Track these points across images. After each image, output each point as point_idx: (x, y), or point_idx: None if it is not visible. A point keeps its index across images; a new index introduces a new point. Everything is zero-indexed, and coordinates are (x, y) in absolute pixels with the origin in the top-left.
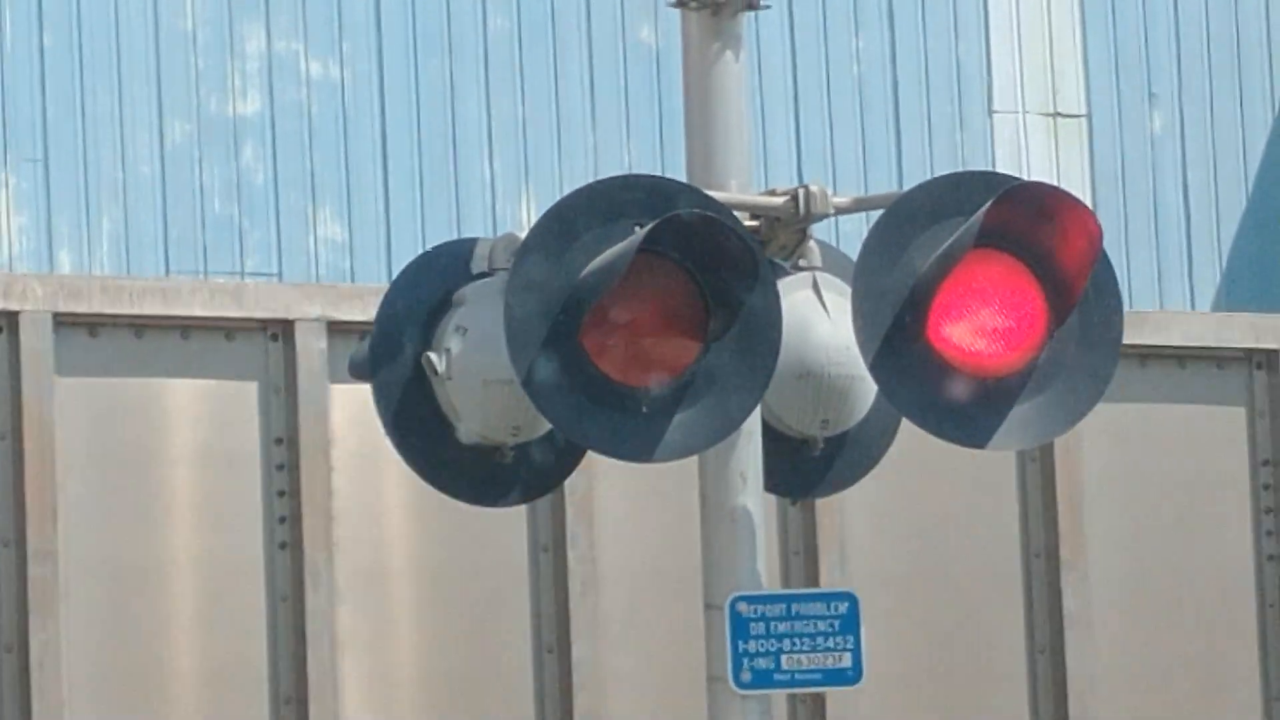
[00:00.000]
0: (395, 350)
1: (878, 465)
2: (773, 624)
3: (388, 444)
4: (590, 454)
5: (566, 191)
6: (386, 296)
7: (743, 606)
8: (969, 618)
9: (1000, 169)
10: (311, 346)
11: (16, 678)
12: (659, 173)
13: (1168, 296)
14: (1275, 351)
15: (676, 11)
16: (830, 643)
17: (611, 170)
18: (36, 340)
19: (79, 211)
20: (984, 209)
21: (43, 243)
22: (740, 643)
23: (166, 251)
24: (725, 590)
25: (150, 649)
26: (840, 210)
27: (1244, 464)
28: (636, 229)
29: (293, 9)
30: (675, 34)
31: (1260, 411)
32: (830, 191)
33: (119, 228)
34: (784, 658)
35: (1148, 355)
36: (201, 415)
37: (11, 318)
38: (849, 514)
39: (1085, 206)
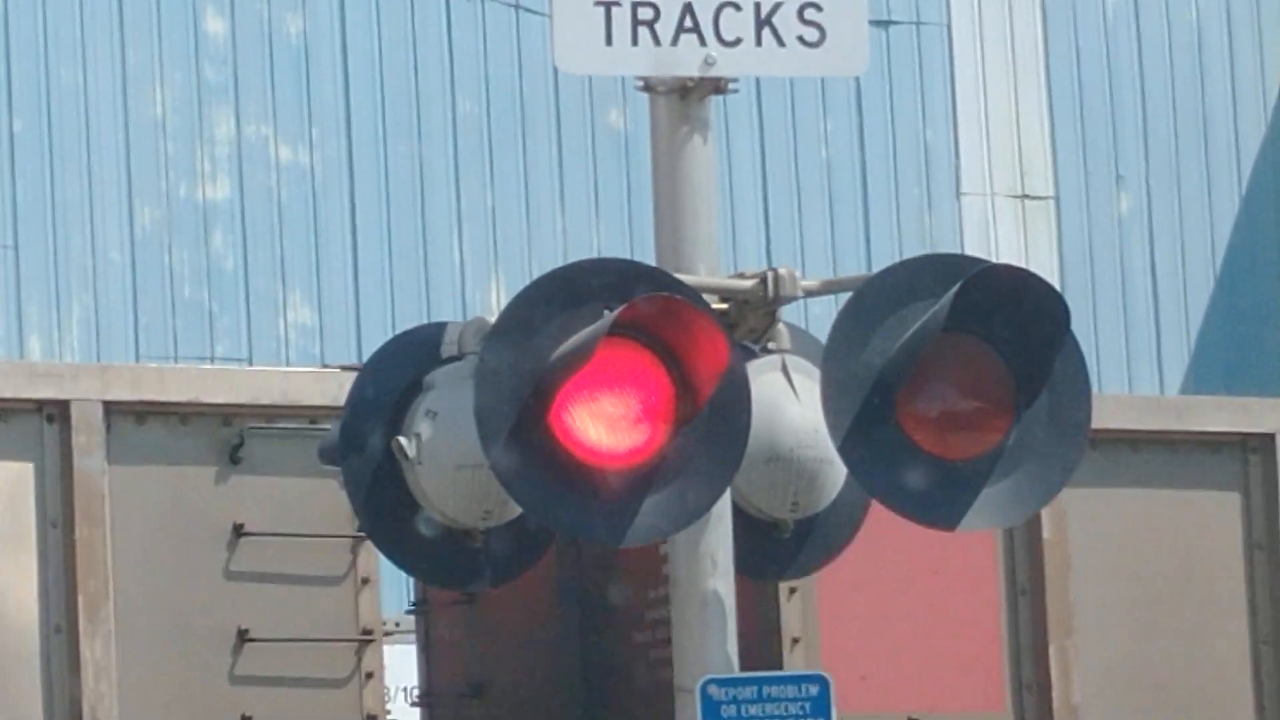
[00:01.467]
0: (365, 435)
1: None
2: (744, 706)
3: None
4: None
5: (536, 275)
6: (356, 381)
7: (714, 689)
8: None
9: (969, 251)
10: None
11: None
12: (628, 256)
13: (1136, 377)
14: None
15: (645, 96)
16: None
17: (581, 254)
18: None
19: (49, 298)
20: (952, 292)
21: (13, 329)
22: None
23: (137, 337)
24: (696, 673)
25: None
26: (809, 293)
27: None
28: (605, 313)
29: (262, 95)
30: (644, 118)
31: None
32: (799, 274)
33: (89, 313)
34: None
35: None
36: None
37: None
38: None
39: (1053, 288)
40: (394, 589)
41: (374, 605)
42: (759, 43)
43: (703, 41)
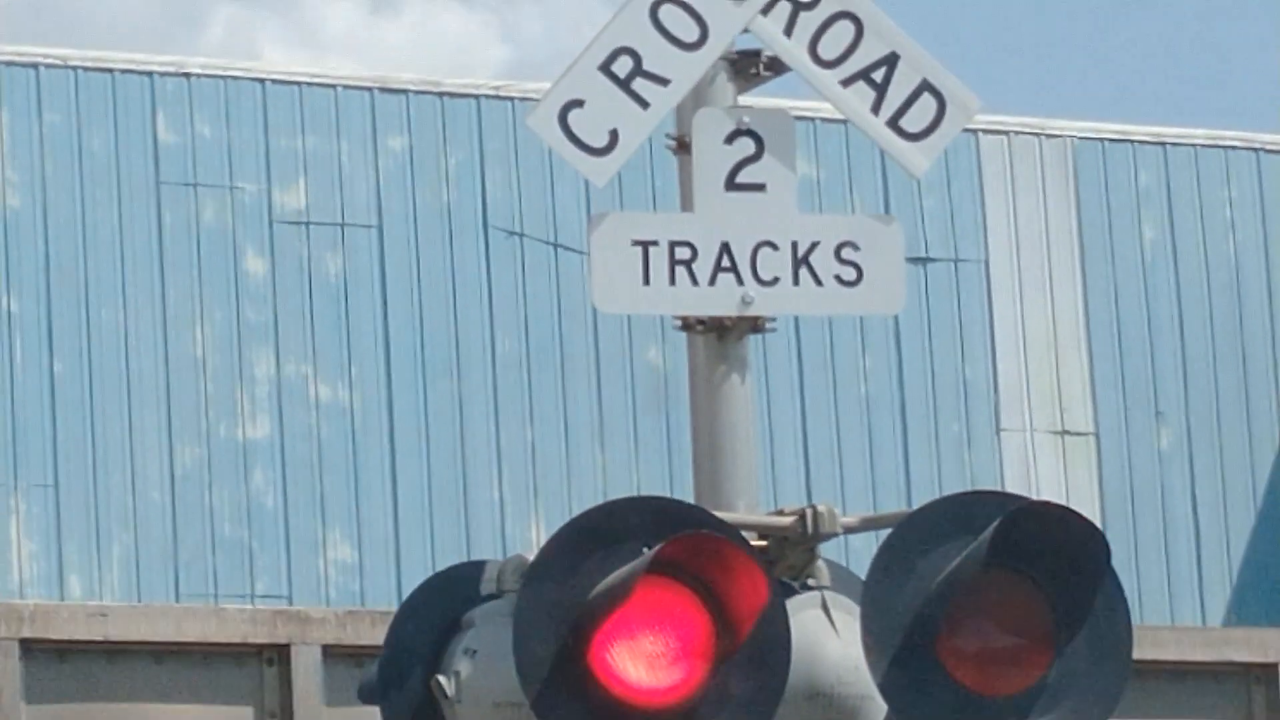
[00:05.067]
0: (405, 673)
1: None
2: None
3: None
4: None
5: (575, 513)
6: (396, 619)
7: None
8: None
9: (1009, 487)
10: None
11: None
12: (668, 493)
13: (1178, 612)
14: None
15: (683, 334)
16: None
17: (620, 491)
18: None
19: (89, 537)
20: (992, 527)
21: (53, 568)
22: None
23: (177, 576)
24: None
25: None
26: (848, 529)
27: None
28: (644, 550)
29: (301, 333)
30: (682, 356)
31: None
32: (838, 511)
33: (129, 553)
34: None
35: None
36: None
37: None
38: None
39: (1091, 523)
40: None
41: None
42: (796, 282)
43: (740, 281)
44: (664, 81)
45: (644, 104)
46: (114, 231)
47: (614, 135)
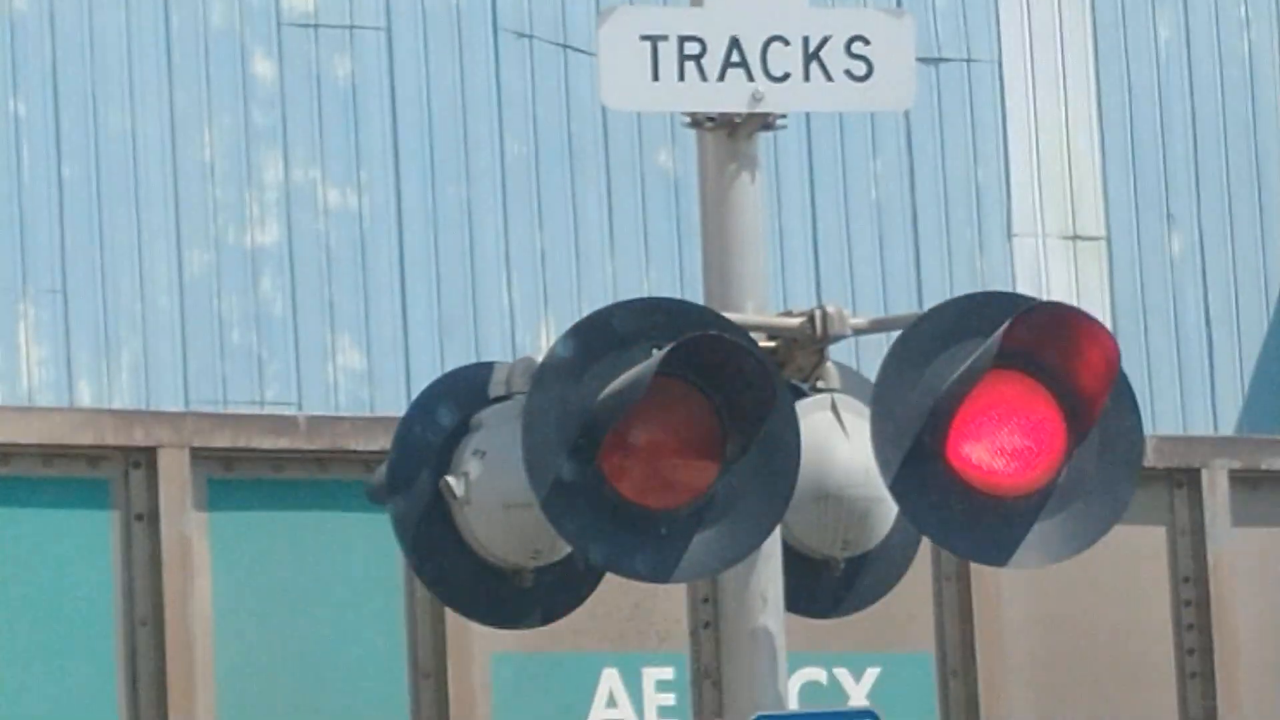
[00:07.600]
0: (413, 474)
1: None
2: None
3: None
4: None
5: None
6: (404, 420)
7: None
8: None
9: (1020, 292)
10: None
11: None
12: (679, 297)
13: (1190, 417)
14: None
15: (694, 136)
16: None
17: (631, 295)
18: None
19: (99, 343)
20: (1002, 329)
21: (62, 374)
22: None
23: (186, 382)
24: (747, 710)
25: None
26: (858, 331)
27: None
28: (654, 352)
29: (310, 138)
30: (693, 159)
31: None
32: (848, 312)
33: (138, 359)
34: None
35: None
36: None
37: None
38: None
39: (1102, 326)
40: None
41: None
42: (806, 77)
43: (750, 77)
44: None
45: None
46: (121, 34)
47: None
